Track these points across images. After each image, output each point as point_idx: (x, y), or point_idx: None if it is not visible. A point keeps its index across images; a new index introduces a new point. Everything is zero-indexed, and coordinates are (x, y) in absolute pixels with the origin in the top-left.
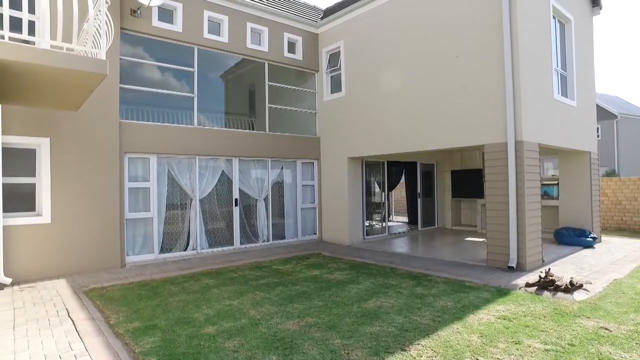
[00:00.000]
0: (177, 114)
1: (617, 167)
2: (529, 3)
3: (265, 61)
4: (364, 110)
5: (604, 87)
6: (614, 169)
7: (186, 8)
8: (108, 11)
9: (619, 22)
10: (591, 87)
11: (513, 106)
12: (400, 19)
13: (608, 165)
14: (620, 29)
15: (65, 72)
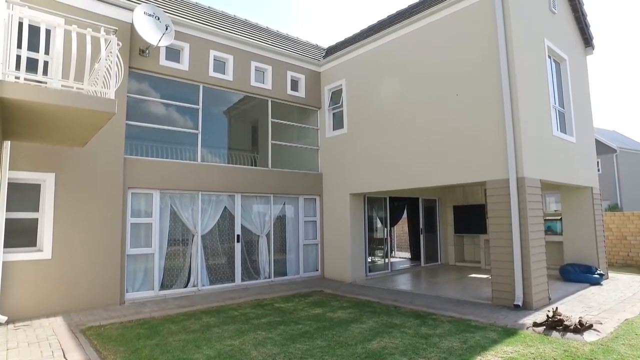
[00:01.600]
0: (181, 149)
1: (619, 201)
2: (525, 44)
3: (269, 98)
4: (366, 147)
5: (601, 122)
6: (617, 202)
7: (193, 47)
8: (119, 52)
9: (612, 59)
10: (589, 123)
11: (513, 143)
12: (401, 58)
13: (610, 199)
14: (614, 66)
15: (75, 111)
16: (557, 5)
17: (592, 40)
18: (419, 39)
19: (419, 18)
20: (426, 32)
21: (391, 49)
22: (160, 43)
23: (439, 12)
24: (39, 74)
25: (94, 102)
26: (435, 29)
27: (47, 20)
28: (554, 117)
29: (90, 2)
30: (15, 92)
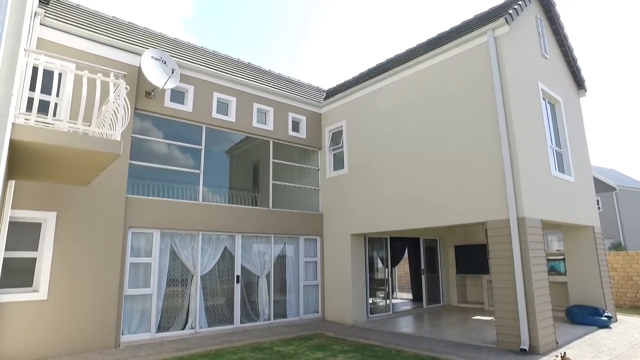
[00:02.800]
0: (182, 188)
1: (622, 239)
2: (520, 87)
3: (270, 139)
4: (366, 188)
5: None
6: (620, 241)
7: (197, 90)
8: (126, 95)
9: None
10: (586, 162)
11: (513, 183)
12: (400, 100)
13: (613, 237)
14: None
15: (82, 152)
16: (549, 51)
17: (584, 83)
18: (417, 82)
19: (416, 62)
20: (424, 75)
21: (390, 91)
22: (166, 86)
23: (436, 56)
24: (49, 116)
25: (100, 144)
26: (432, 72)
27: (60, 66)
28: (552, 157)
29: (100, 48)
30: (25, 134)
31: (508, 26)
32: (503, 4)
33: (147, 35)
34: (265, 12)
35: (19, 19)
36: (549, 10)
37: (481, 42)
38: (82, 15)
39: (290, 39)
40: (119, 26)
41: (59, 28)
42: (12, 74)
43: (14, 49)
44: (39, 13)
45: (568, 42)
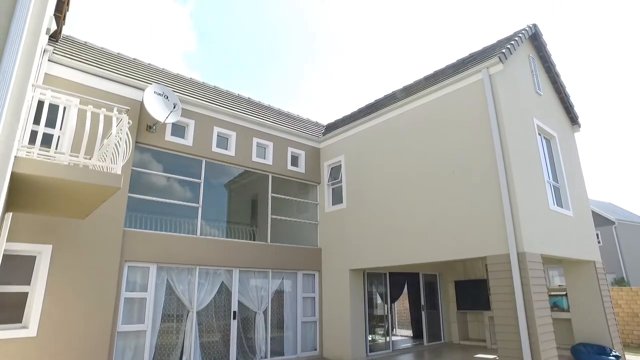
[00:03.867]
0: (181, 222)
1: (624, 274)
2: (515, 123)
3: (269, 173)
4: (365, 222)
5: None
6: (622, 276)
7: (198, 124)
8: (128, 129)
9: (599, 135)
10: (584, 196)
11: (511, 217)
12: (398, 136)
13: (615, 272)
14: (604, 141)
15: (83, 185)
16: (542, 88)
17: (578, 119)
18: (415, 118)
19: (414, 99)
20: (421, 111)
21: (388, 127)
22: (167, 120)
23: (432, 93)
24: (51, 149)
25: (101, 177)
26: (429, 108)
27: (65, 101)
28: (549, 191)
29: (105, 83)
30: (26, 167)
31: (502, 64)
32: (496, 43)
33: (151, 71)
34: (267, 47)
35: (29, 57)
36: (540, 50)
37: (476, 80)
38: (88, 52)
39: (292, 73)
40: (124, 62)
41: (66, 64)
42: (20, 109)
43: (22, 84)
44: (47, 50)
45: (560, 79)
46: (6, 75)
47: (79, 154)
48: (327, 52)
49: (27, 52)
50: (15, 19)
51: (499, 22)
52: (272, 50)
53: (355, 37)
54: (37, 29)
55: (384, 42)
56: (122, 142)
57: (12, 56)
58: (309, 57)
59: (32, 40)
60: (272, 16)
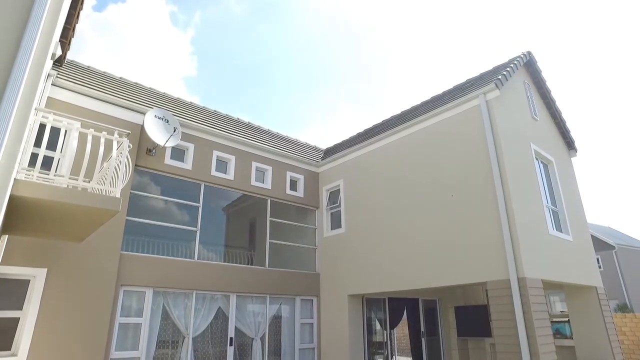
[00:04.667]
0: (178, 245)
1: (627, 300)
2: (513, 148)
3: (268, 197)
4: (364, 247)
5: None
6: (625, 302)
7: (197, 148)
8: (128, 153)
9: (597, 160)
10: (583, 220)
11: (511, 242)
12: (396, 160)
13: (618, 298)
14: (602, 165)
15: (82, 208)
16: (539, 113)
17: (574, 144)
18: (413, 143)
19: (412, 124)
20: (419, 136)
21: (387, 151)
22: (167, 144)
23: (431, 118)
24: (51, 172)
25: (100, 200)
26: (428, 133)
27: (66, 124)
28: (548, 216)
29: (106, 107)
30: (25, 190)
31: (498, 90)
32: (492, 70)
33: (152, 95)
34: (265, 71)
35: (34, 83)
36: (535, 76)
37: (474, 105)
38: (91, 76)
39: (290, 97)
40: (126, 86)
41: (69, 88)
42: (22, 133)
43: (26, 109)
44: (51, 74)
45: (555, 105)
46: (10, 101)
47: (79, 176)
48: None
49: (32, 79)
50: (22, 46)
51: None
52: (271, 75)
53: (352, 66)
54: (42, 56)
55: (380, 70)
56: (122, 165)
57: (18, 82)
58: (307, 83)
59: (37, 67)
60: (270, 44)
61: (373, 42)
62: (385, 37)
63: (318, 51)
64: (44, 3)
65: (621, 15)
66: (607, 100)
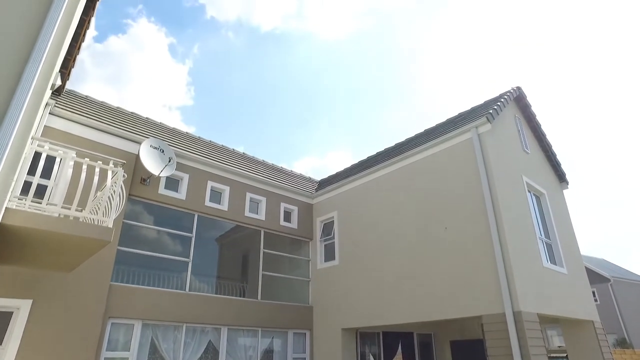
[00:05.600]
0: (169, 276)
1: (626, 335)
2: (505, 180)
3: (262, 229)
4: (358, 280)
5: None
6: (624, 336)
7: (192, 178)
8: (122, 182)
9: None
10: (577, 253)
11: (505, 275)
12: (390, 193)
13: (616, 332)
14: (591, 199)
15: (72, 238)
16: (530, 146)
17: (565, 176)
18: (407, 175)
19: (406, 156)
20: (413, 168)
21: (381, 184)
22: (162, 174)
23: (424, 151)
24: (44, 200)
25: (91, 230)
26: (421, 166)
27: (62, 153)
28: (542, 248)
29: (102, 136)
30: (16, 219)
31: (490, 124)
32: (484, 104)
33: (148, 125)
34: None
35: (32, 114)
36: (525, 110)
37: (466, 138)
38: (89, 106)
39: (286, 128)
40: (122, 116)
41: (66, 117)
42: (17, 162)
43: (22, 138)
44: (50, 103)
45: (546, 139)
46: (8, 131)
47: (72, 205)
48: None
49: (31, 109)
50: (24, 77)
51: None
52: (266, 105)
53: (347, 98)
54: (43, 87)
55: (375, 102)
56: (115, 195)
57: (17, 112)
58: (302, 114)
59: (37, 97)
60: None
61: (367, 74)
62: (379, 69)
63: (313, 83)
64: (48, 36)
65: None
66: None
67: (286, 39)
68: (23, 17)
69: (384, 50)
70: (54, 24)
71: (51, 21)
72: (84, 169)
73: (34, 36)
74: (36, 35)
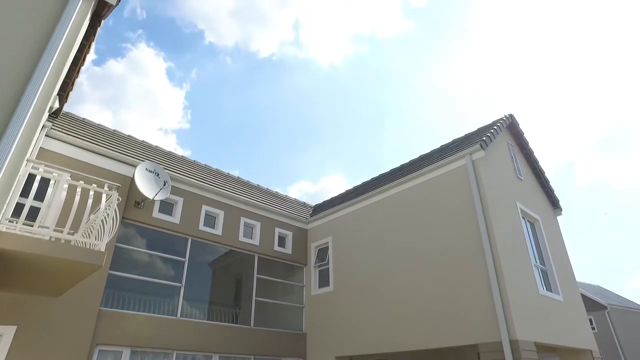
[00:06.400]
0: (161, 302)
1: None
2: (499, 206)
3: (256, 254)
4: (352, 306)
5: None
6: None
7: (186, 202)
8: (116, 206)
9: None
10: (572, 280)
11: (501, 302)
12: (386, 218)
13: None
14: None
15: (62, 261)
16: (523, 173)
17: (559, 203)
18: (402, 201)
19: (401, 182)
20: (409, 194)
21: (376, 209)
22: (156, 197)
23: (419, 177)
24: (36, 223)
25: (82, 254)
26: (417, 192)
27: (56, 176)
28: (537, 275)
29: (97, 158)
30: (4, 242)
31: (483, 151)
32: (477, 131)
33: (144, 148)
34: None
35: (30, 135)
36: (518, 137)
37: (460, 165)
38: (85, 128)
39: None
40: (118, 139)
41: (62, 139)
42: (11, 184)
43: (18, 160)
44: (46, 126)
45: (539, 165)
46: (4, 154)
47: (64, 228)
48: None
49: (28, 132)
50: (22, 100)
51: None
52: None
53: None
54: (41, 110)
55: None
56: (109, 219)
57: (13, 135)
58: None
59: (35, 120)
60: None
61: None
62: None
63: (308, 108)
64: (49, 60)
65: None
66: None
67: (283, 64)
68: (26, 41)
69: (379, 77)
70: (55, 49)
71: (53, 46)
72: (78, 191)
73: (35, 60)
74: (37, 59)
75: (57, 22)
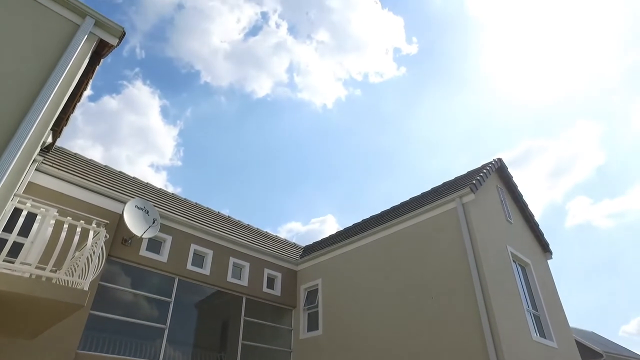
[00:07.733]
0: (143, 345)
1: None
2: (490, 250)
3: (244, 295)
4: (341, 351)
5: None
6: None
7: (175, 240)
8: (104, 243)
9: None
10: (565, 325)
11: (494, 349)
12: (376, 260)
13: None
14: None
15: (41, 301)
16: (513, 217)
17: (549, 246)
18: (393, 243)
19: (391, 224)
20: (398, 237)
21: (366, 251)
22: (145, 235)
23: (409, 220)
24: (17, 260)
25: (64, 294)
26: (407, 234)
27: (43, 211)
28: (530, 320)
29: (86, 194)
30: None
31: (473, 194)
32: (467, 174)
33: (135, 185)
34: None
35: (20, 169)
36: (507, 181)
37: (450, 208)
38: (76, 163)
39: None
40: (109, 175)
41: (52, 174)
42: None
43: (5, 195)
44: (37, 160)
45: (528, 209)
46: None
47: (48, 265)
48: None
49: (19, 166)
50: (16, 135)
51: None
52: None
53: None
54: (34, 146)
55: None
56: (95, 256)
57: (3, 170)
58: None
59: (27, 155)
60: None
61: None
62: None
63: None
64: (47, 96)
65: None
66: None
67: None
68: (27, 76)
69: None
70: (54, 86)
71: (52, 82)
72: (65, 227)
73: (34, 96)
74: (36, 95)
75: (59, 59)
